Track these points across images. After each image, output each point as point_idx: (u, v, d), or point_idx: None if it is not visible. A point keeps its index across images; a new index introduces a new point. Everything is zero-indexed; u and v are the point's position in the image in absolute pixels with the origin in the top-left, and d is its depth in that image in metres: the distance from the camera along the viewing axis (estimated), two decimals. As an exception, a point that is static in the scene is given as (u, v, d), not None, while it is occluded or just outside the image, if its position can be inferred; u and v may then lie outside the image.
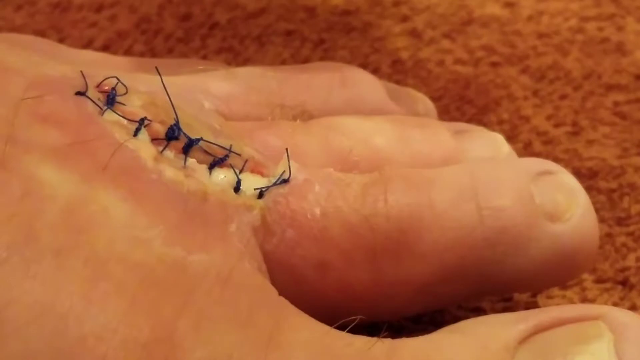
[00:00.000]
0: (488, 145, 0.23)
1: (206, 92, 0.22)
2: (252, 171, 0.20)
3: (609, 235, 0.25)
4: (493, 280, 0.20)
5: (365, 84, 0.25)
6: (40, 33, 0.31)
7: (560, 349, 0.18)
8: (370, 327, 0.19)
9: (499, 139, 0.24)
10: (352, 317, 0.18)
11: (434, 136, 0.23)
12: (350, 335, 0.18)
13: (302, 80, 0.24)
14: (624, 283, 0.24)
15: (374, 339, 0.18)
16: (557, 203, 0.20)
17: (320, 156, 0.21)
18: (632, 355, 0.17)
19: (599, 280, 0.24)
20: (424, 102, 0.26)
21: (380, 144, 0.22)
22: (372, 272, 0.20)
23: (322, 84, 0.24)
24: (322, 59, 0.31)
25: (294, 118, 0.23)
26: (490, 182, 0.20)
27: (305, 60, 0.31)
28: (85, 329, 0.16)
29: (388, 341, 0.18)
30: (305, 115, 0.23)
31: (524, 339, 0.18)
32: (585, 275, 0.24)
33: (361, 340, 0.18)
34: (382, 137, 0.22)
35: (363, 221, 0.19)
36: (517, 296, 0.24)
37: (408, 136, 0.23)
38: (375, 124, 0.23)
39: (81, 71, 0.20)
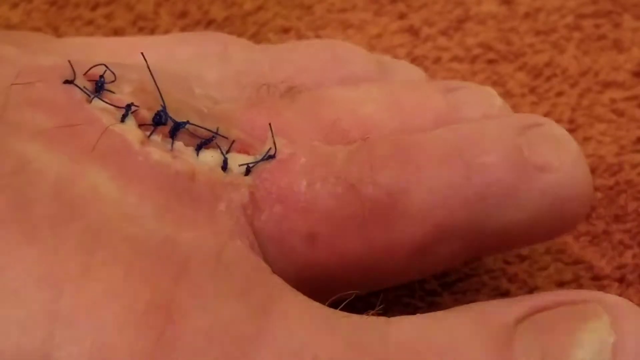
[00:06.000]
0: (480, 100, 0.23)
1: (198, 77, 0.22)
2: (240, 151, 0.20)
3: (606, 232, 0.25)
4: (487, 235, 0.20)
5: (358, 59, 0.24)
6: (37, 31, 0.31)
7: (561, 326, 0.18)
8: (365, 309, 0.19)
9: (490, 92, 0.23)
10: (348, 292, 0.18)
11: (424, 98, 0.23)
12: (345, 312, 0.18)
13: (295, 60, 0.24)
14: (621, 280, 0.24)
15: (369, 313, 0.18)
16: (546, 153, 0.20)
17: (309, 130, 0.21)
18: (630, 331, 0.17)
19: (596, 278, 0.24)
20: (419, 73, 0.26)
21: (370, 111, 0.22)
22: (362, 239, 0.20)
23: (315, 63, 0.24)
24: (318, 56, 0.31)
25: (282, 96, 0.23)
26: (476, 138, 0.20)
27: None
28: (83, 295, 0.16)
29: (384, 318, 0.18)
30: (292, 92, 0.23)
31: (521, 319, 0.18)
32: (583, 273, 0.24)
33: (357, 315, 0.18)
34: (371, 105, 0.22)
35: (350, 189, 0.19)
36: (514, 291, 0.24)
37: (397, 101, 0.22)
38: (363, 92, 0.23)
39: (69, 60, 0.20)
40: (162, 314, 0.17)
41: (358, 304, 0.19)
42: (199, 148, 0.20)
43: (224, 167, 0.20)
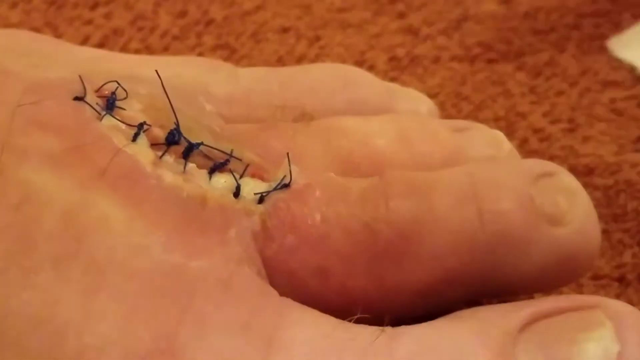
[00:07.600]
0: (489, 142, 0.23)
1: (208, 94, 0.22)
2: (253, 175, 0.20)
3: (605, 232, 0.25)
4: (494, 283, 0.20)
5: (367, 86, 0.25)
6: (36, 31, 0.31)
7: (565, 336, 0.18)
8: (374, 319, 0.19)
9: (499, 136, 0.23)
10: (352, 317, 0.18)
11: (434, 136, 0.23)
12: (354, 326, 0.18)
13: (304, 82, 0.24)
14: (621, 280, 0.24)
15: (378, 329, 0.18)
16: (558, 205, 0.20)
17: (321, 158, 0.21)
18: (634, 340, 0.17)
19: (595, 277, 0.24)
20: (427, 103, 0.26)
21: (381, 145, 0.22)
22: (373, 277, 0.20)
23: (324, 86, 0.24)
24: (318, 56, 0.31)
25: (295, 120, 0.23)
26: (491, 185, 0.20)
27: (301, 57, 0.31)
28: (85, 340, 0.16)
29: (389, 329, 0.18)
30: (305, 117, 0.23)
31: (523, 327, 0.18)
32: (582, 272, 0.24)
33: (365, 332, 0.18)
34: (383, 138, 0.22)
35: (364, 227, 0.19)
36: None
37: (408, 136, 0.22)
38: (375, 125, 0.23)
39: (79, 76, 0.20)
40: (164, 357, 0.17)
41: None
42: (212, 171, 0.20)
43: (237, 193, 0.19)
